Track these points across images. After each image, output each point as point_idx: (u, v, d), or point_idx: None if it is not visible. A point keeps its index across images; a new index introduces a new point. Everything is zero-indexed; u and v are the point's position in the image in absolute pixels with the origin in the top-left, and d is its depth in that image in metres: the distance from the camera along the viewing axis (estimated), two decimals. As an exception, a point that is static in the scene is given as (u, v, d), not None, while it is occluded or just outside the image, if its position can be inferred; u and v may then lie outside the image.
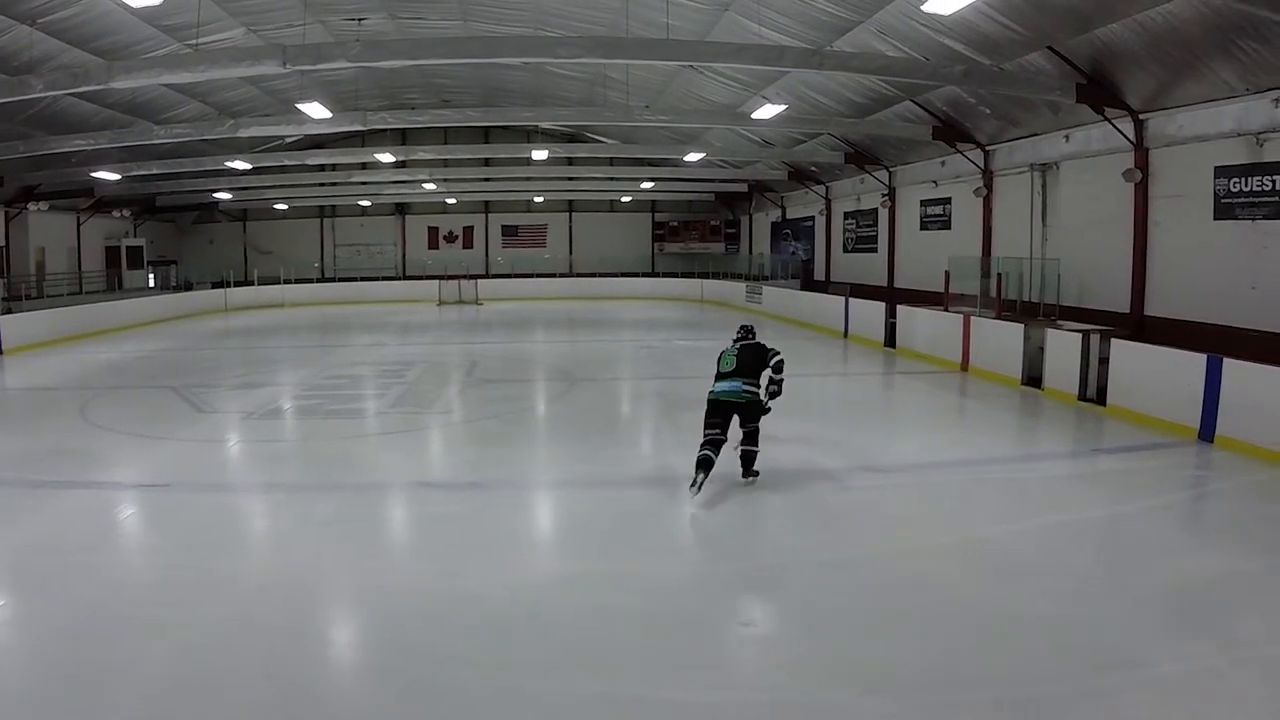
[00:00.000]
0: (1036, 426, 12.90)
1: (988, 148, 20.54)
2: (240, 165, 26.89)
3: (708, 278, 39.14)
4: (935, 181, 23.51)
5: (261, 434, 12.32)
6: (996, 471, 9.76)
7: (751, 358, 9.19)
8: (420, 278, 41.87)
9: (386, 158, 25.11)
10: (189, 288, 39.55)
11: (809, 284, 32.41)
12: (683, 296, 38.27)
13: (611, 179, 38.32)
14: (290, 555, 7.36)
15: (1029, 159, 19.06)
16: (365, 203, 42.96)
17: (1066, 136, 17.83)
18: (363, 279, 42.63)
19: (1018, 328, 15.53)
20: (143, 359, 20.60)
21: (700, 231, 44.82)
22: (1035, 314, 17.18)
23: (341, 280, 42.96)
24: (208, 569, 6.84)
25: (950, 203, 23.00)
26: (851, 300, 23.34)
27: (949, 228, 23.15)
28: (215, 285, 38.79)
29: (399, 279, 43.70)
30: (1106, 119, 15.84)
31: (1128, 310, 16.12)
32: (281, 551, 7.53)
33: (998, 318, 16.69)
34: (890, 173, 26.00)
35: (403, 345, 23.38)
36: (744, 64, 14.01)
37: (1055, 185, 18.44)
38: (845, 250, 30.59)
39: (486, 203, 44.52)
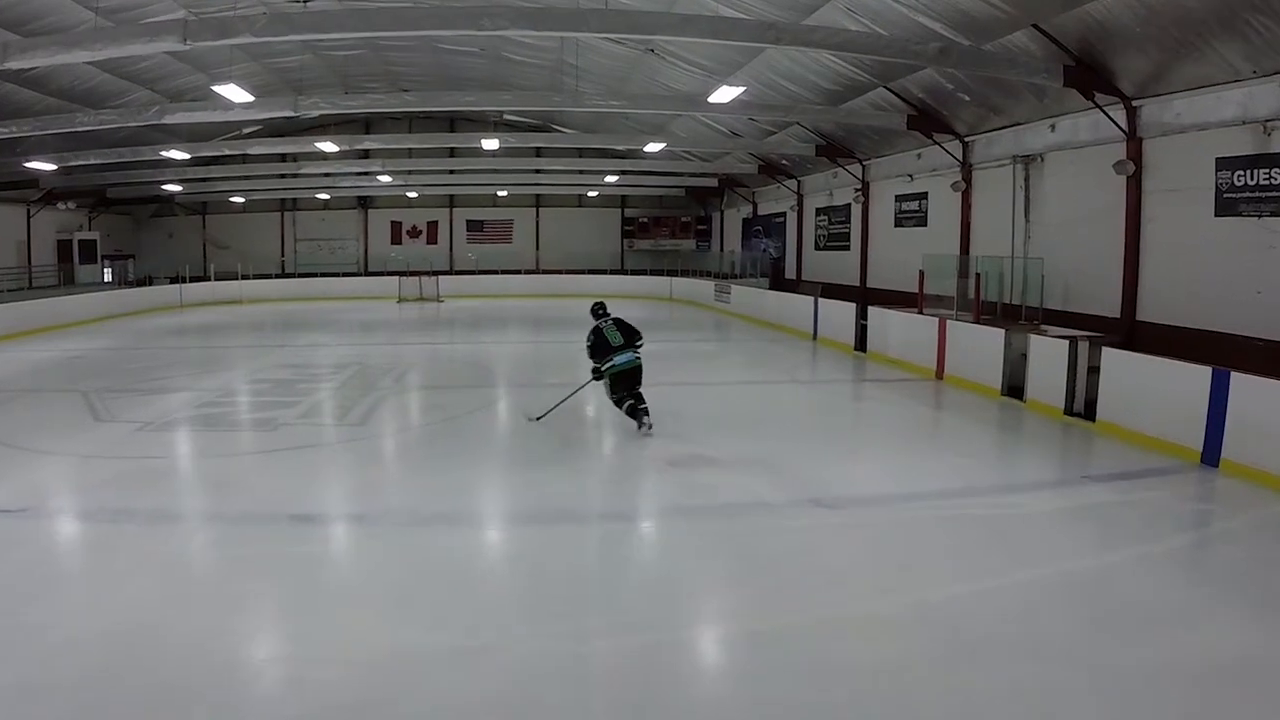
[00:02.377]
0: (1017, 447, 11.46)
1: (966, 139, 19.15)
2: (178, 155, 25.17)
3: (678, 275, 37.88)
4: (911, 175, 22.10)
5: (148, 449, 10.81)
6: (968, 506, 8.30)
7: (628, 329, 11.27)
8: (382, 274, 40.44)
9: (329, 147, 23.45)
10: (148, 283, 38.01)
11: (780, 283, 31.05)
12: (651, 295, 36.97)
13: (581, 171, 37.05)
14: (112, 604, 6.05)
15: (1011, 151, 17.67)
16: (324, 195, 41.43)
17: (1052, 126, 16.45)
18: (324, 275, 41.04)
19: (998, 333, 14.18)
20: (75, 359, 19.13)
21: (671, 228, 43.38)
22: (1017, 318, 15.85)
23: (302, 276, 41.39)
24: (19, 617, 5.78)
25: (926, 198, 21.61)
26: (821, 300, 22.00)
27: (925, 224, 21.75)
28: (173, 281, 37.21)
29: (361, 275, 42.26)
30: (1097, 105, 14.45)
31: (1118, 315, 14.74)
32: (105, 599, 6.17)
33: (976, 321, 15.32)
34: (864, 166, 24.59)
35: (345, 345, 21.85)
36: (690, 37, 12.55)
37: (1039, 179, 17.06)
38: (817, 248, 29.20)
39: (451, 197, 42.99)
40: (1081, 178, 15.84)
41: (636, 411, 10.74)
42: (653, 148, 22.91)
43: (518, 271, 41.34)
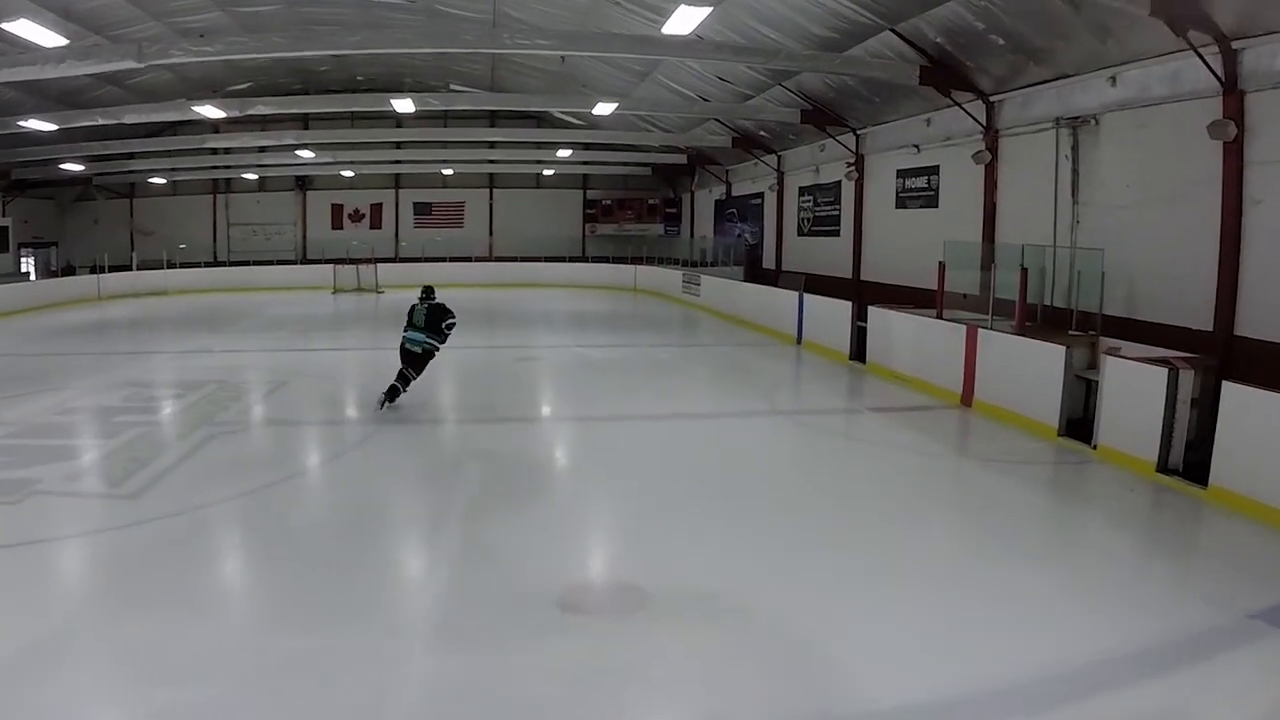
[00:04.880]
0: (1122, 544, 7.42)
1: (992, 98, 15.26)
2: (41, 126, 20.88)
3: (644, 263, 34.20)
4: (917, 146, 18.21)
5: None
6: None
7: (435, 316, 11.48)
8: (321, 261, 36.47)
9: (212, 112, 19.18)
10: (70, 273, 34.47)
11: (756, 272, 27.27)
12: (613, 284, 33.46)
13: (538, 144, 33.46)
14: None
15: (1053, 111, 13.84)
16: (252, 176, 37.73)
17: (1112, 78, 12.61)
18: (258, 263, 37.12)
19: (1055, 350, 10.47)
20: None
21: (636, 211, 39.39)
22: (1062, 325, 12.12)
23: (235, 264, 37.58)
24: None
25: (937, 173, 17.72)
26: (807, 297, 18.19)
27: (935, 205, 17.85)
28: (92, 271, 33.28)
29: (299, 263, 38.24)
30: (1191, 47, 10.66)
31: (1209, 328, 11.03)
32: None
33: (1020, 332, 11.56)
34: (858, 137, 20.67)
35: (231, 351, 17.92)
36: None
37: (1092, 147, 13.24)
38: (800, 233, 25.31)
39: (397, 176, 39.15)
40: (1155, 145, 12.07)
41: (391, 391, 11.22)
42: (603, 108, 18.86)
43: (469, 259, 37.21)
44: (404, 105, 17.98)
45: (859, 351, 15.43)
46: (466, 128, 33.15)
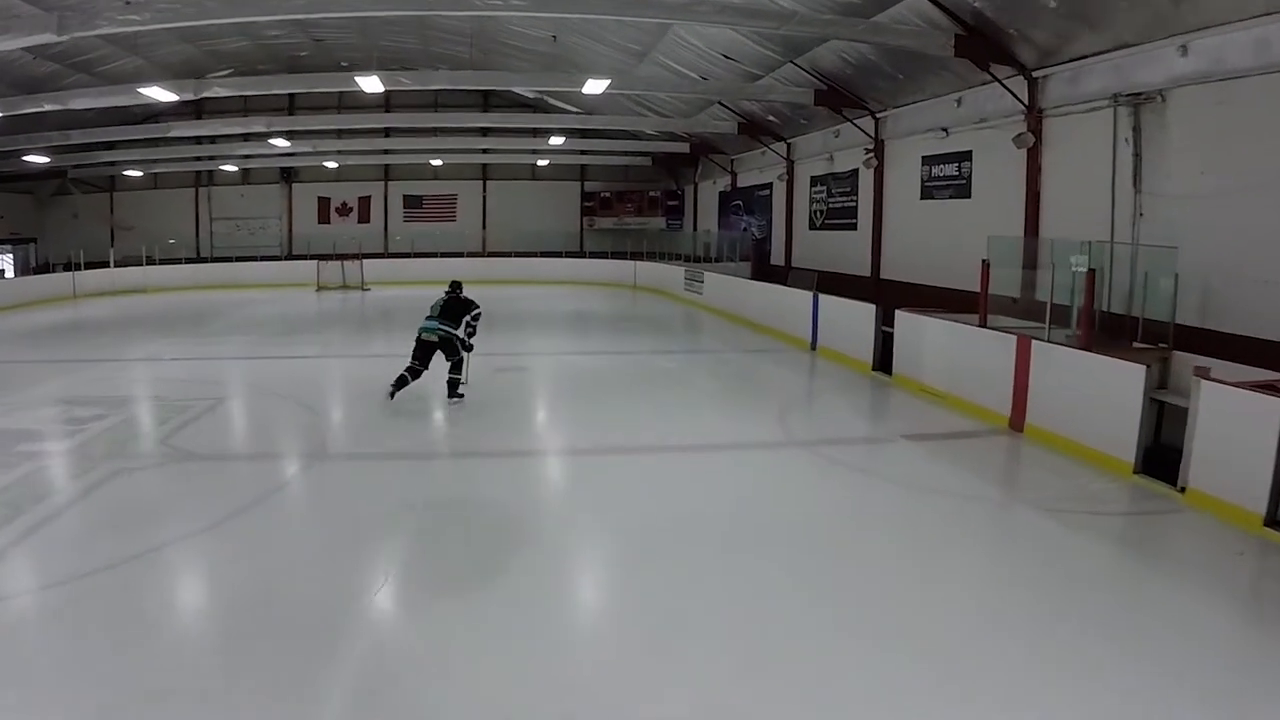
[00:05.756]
0: (1235, 637, 5.60)
1: (1036, 72, 13.45)
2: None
3: (644, 258, 32.60)
4: (946, 129, 16.41)
5: None
6: None
7: (455, 308, 11.38)
8: (306, 257, 34.97)
9: (163, 95, 17.29)
10: (47, 270, 33.20)
11: (764, 269, 25.56)
12: (612, 281, 32.04)
13: (534, 130, 32.25)
14: None
15: (1110, 87, 12.04)
16: (231, 168, 36.36)
17: (1183, 48, 10.81)
18: (242, 259, 35.67)
19: (1133, 370, 8.68)
20: None
21: (637, 203, 37.77)
22: (1125, 335, 10.39)
23: (218, 260, 36.16)
24: None
25: (970, 159, 15.93)
26: (822, 297, 16.42)
27: (968, 195, 16.07)
28: (66, 268, 31.95)
29: (284, 259, 36.86)
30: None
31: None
32: None
33: (1086, 347, 9.79)
34: (877, 120, 18.87)
35: (182, 359, 16.20)
36: None
37: (1158, 128, 11.44)
38: (812, 226, 23.55)
39: (386, 168, 37.70)
40: (1237, 125, 10.29)
41: (399, 380, 11.26)
42: (594, 86, 17.06)
43: (460, 254, 35.55)
44: (371, 84, 16.19)
45: (884, 361, 13.71)
46: (456, 112, 31.79)
